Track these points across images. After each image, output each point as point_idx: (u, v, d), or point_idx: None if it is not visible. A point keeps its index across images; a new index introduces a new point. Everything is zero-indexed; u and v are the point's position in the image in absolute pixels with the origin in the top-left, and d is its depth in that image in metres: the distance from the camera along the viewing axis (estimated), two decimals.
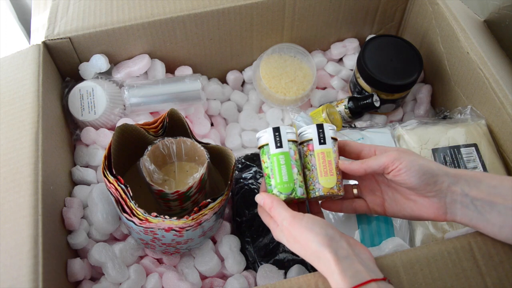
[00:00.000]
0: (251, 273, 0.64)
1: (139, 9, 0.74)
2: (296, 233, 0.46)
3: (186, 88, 0.76)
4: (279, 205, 0.49)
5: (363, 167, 0.51)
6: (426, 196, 0.50)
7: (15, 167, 0.56)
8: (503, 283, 0.47)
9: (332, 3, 0.81)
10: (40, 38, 0.71)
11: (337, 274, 0.42)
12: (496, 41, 0.76)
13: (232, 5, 0.75)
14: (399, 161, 0.48)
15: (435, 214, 0.50)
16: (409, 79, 0.75)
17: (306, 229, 0.46)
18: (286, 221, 0.47)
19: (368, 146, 0.53)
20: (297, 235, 0.46)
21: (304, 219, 0.47)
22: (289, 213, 0.48)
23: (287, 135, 0.53)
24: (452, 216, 0.49)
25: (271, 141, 0.52)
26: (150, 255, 0.65)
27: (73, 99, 0.73)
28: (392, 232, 0.63)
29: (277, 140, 0.52)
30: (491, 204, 0.46)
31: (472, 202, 0.47)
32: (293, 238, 0.47)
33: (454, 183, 0.48)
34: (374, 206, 0.55)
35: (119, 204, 0.57)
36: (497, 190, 0.46)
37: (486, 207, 0.47)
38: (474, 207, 0.47)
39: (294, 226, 0.47)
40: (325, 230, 0.45)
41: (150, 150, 0.61)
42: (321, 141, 0.53)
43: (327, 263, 0.44)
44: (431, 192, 0.49)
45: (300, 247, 0.47)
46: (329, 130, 0.54)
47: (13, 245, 0.50)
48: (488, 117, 0.68)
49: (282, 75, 0.83)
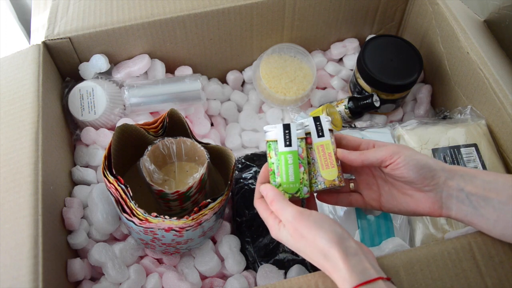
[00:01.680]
0: (251, 273, 0.64)
1: (139, 9, 0.74)
2: (303, 229, 0.46)
3: (186, 88, 0.76)
4: (283, 200, 0.48)
5: (361, 158, 0.51)
6: (423, 190, 0.50)
7: (15, 167, 0.56)
8: (503, 284, 0.47)
9: (332, 3, 0.81)
10: (40, 38, 0.71)
11: (345, 271, 0.42)
12: (496, 41, 0.76)
13: (232, 5, 0.75)
14: (398, 155, 0.49)
15: (430, 209, 0.50)
16: (409, 79, 0.75)
17: (315, 225, 0.45)
18: (292, 216, 0.46)
19: (366, 140, 0.54)
20: (305, 232, 0.45)
21: (312, 215, 0.46)
22: (296, 209, 0.47)
23: (297, 132, 0.52)
24: (447, 211, 0.49)
25: (280, 139, 0.52)
26: (150, 255, 0.65)
27: (73, 99, 0.73)
28: (392, 232, 0.63)
29: (286, 138, 0.52)
30: (485, 199, 0.47)
31: (468, 197, 0.48)
32: (299, 235, 0.46)
33: (450, 178, 0.48)
34: (370, 200, 0.55)
35: (119, 204, 0.57)
36: (491, 185, 0.47)
37: (481, 202, 0.47)
38: (469, 202, 0.47)
39: (301, 222, 0.46)
40: (334, 228, 0.45)
41: (150, 150, 0.61)
42: (319, 133, 0.53)
43: (334, 260, 0.43)
44: (428, 187, 0.49)
45: (305, 244, 0.46)
46: (326, 122, 0.53)
47: (13, 245, 0.50)
48: (488, 117, 0.68)
49: (282, 75, 0.83)
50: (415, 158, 0.49)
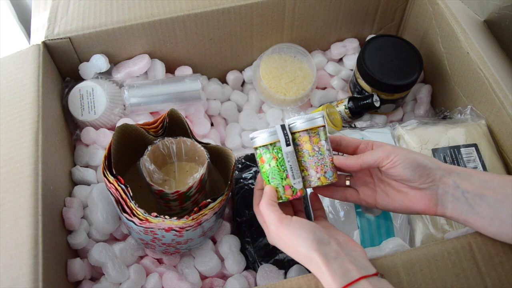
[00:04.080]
0: (251, 273, 0.64)
1: (139, 9, 0.74)
2: (285, 237, 0.47)
3: (186, 88, 0.76)
4: (269, 205, 0.49)
5: (358, 163, 0.51)
6: (419, 188, 0.50)
7: (15, 167, 0.56)
8: (503, 283, 0.47)
9: (332, 3, 0.81)
10: (40, 38, 0.71)
11: (328, 276, 0.43)
12: (496, 41, 0.76)
13: (232, 5, 0.75)
14: (394, 154, 0.50)
15: (426, 206, 0.50)
16: (409, 79, 0.75)
17: (293, 234, 0.46)
18: (273, 225, 0.48)
19: (364, 141, 0.54)
20: (286, 240, 0.47)
21: (291, 224, 0.47)
22: (276, 217, 0.48)
23: (288, 133, 0.53)
24: (442, 209, 0.49)
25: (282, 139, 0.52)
26: (150, 255, 0.65)
27: (73, 99, 0.73)
28: (392, 232, 0.63)
29: (286, 139, 0.52)
30: (481, 196, 0.47)
31: (463, 194, 0.48)
32: (283, 243, 0.48)
33: (446, 175, 0.49)
34: (365, 197, 0.56)
35: (119, 204, 0.57)
36: (487, 183, 0.47)
37: (477, 199, 0.47)
38: (464, 199, 0.48)
39: (282, 231, 0.47)
40: (313, 234, 0.46)
41: (150, 150, 0.61)
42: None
43: (317, 265, 0.44)
44: (424, 184, 0.49)
45: (291, 251, 0.47)
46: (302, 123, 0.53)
47: (13, 245, 0.50)
48: (488, 117, 0.68)
49: (282, 75, 0.83)
50: (412, 157, 0.49)
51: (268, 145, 0.52)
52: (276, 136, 0.52)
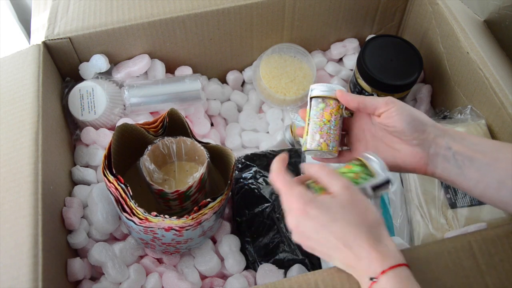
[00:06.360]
0: (251, 273, 0.64)
1: (139, 9, 0.74)
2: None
3: (186, 88, 0.76)
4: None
5: (357, 99, 0.52)
6: (411, 144, 0.50)
7: (15, 167, 0.56)
8: (503, 282, 0.47)
9: (332, 3, 0.81)
10: (40, 38, 0.71)
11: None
12: (496, 41, 0.76)
13: (232, 5, 0.75)
14: (393, 104, 0.50)
15: (416, 164, 0.51)
16: (409, 79, 0.75)
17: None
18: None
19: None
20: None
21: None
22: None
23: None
24: (432, 168, 0.50)
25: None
26: (150, 255, 0.65)
27: (73, 99, 0.73)
28: (392, 232, 0.63)
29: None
30: (471, 159, 0.48)
31: (454, 156, 0.48)
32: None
33: (440, 135, 0.49)
34: (357, 154, 0.54)
35: (119, 203, 0.57)
36: (478, 147, 0.48)
37: (466, 161, 0.48)
38: (455, 161, 0.48)
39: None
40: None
41: (150, 150, 0.61)
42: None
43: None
44: (417, 140, 0.50)
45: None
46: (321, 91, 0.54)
47: (13, 245, 0.50)
48: (488, 117, 0.68)
49: (282, 75, 0.83)
50: (408, 109, 0.50)
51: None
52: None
